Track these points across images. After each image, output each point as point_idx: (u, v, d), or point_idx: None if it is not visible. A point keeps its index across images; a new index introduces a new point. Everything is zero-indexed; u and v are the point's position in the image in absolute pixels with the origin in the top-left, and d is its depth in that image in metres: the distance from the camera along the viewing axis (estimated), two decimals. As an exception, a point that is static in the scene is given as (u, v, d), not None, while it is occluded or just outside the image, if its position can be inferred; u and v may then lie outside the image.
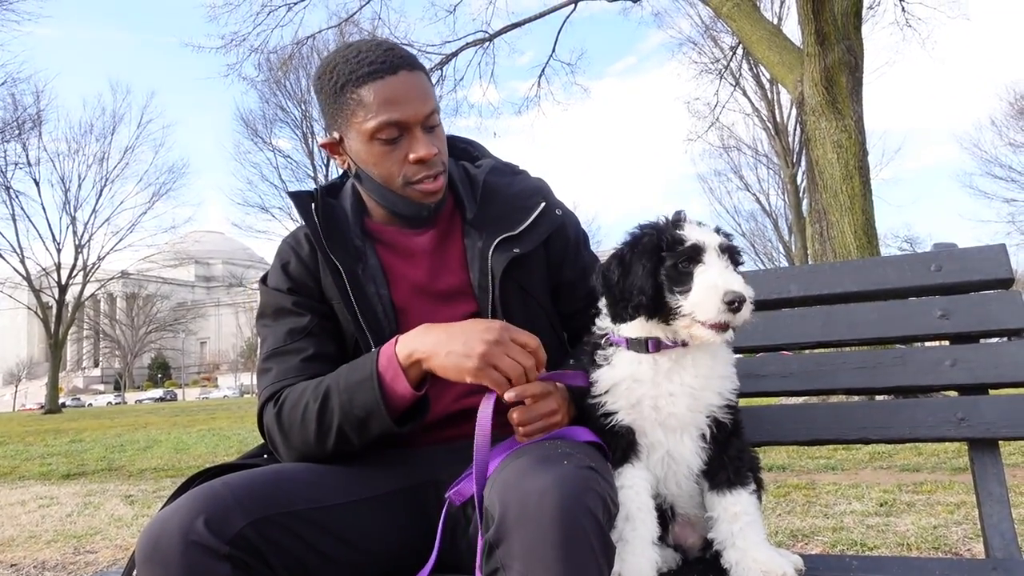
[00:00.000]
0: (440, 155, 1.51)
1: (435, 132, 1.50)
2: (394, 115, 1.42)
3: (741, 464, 1.34)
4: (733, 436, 1.36)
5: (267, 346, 1.55)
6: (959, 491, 4.20)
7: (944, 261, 1.68)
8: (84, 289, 41.31)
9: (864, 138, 9.59)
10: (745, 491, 1.32)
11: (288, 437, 1.43)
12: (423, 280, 1.57)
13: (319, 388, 1.41)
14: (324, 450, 1.41)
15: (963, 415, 1.57)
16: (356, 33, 18.96)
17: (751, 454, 1.40)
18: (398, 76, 1.43)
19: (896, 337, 1.70)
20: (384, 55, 1.45)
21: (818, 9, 8.95)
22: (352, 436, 1.39)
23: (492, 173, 1.66)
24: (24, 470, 8.66)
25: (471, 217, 1.59)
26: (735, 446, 1.36)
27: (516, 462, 1.17)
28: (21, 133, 35.64)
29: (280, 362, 1.51)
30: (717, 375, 1.35)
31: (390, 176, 1.48)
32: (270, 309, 1.58)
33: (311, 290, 1.56)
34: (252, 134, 37.17)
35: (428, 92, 1.48)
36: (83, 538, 4.55)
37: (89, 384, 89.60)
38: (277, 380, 1.49)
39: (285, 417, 1.42)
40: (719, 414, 1.34)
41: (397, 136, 1.45)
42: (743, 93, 30.51)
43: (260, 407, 1.50)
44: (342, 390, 1.37)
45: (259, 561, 1.19)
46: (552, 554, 1.04)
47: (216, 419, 17.06)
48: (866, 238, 9.20)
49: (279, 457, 1.48)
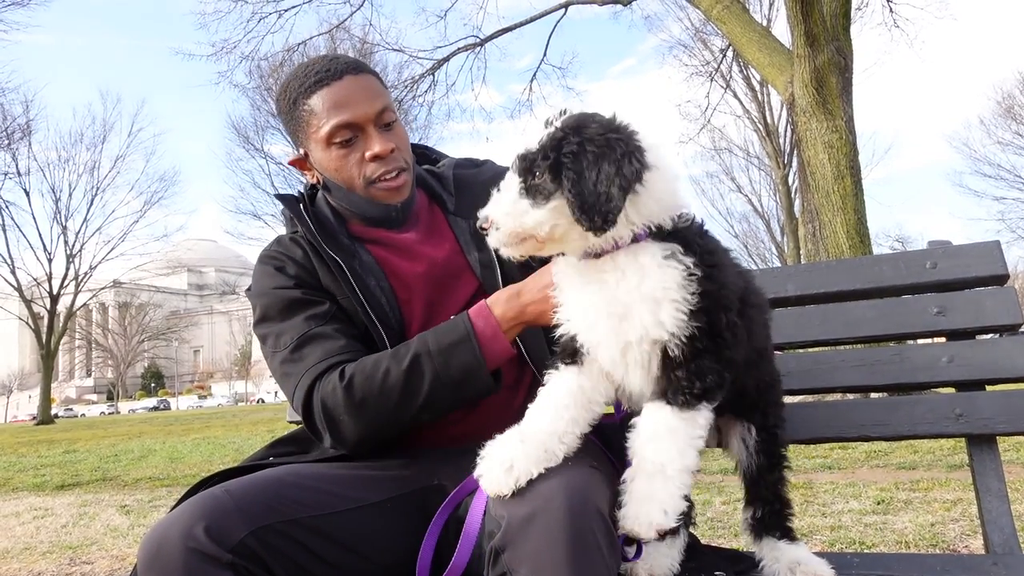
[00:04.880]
0: (400, 152, 1.55)
1: (392, 130, 1.55)
2: (344, 116, 1.49)
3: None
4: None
5: (288, 338, 1.48)
6: (956, 488, 4.22)
7: (939, 258, 1.69)
8: (76, 299, 41.04)
9: (855, 138, 9.65)
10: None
11: (360, 409, 1.37)
12: (421, 270, 1.58)
13: (401, 355, 1.38)
14: (401, 419, 1.39)
15: (961, 411, 1.58)
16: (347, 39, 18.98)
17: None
18: (343, 81, 1.50)
19: (893, 335, 1.71)
20: (329, 64, 1.53)
21: (807, 11, 9.01)
22: (441, 401, 1.38)
23: (457, 167, 1.74)
24: (18, 481, 8.59)
25: (453, 208, 1.65)
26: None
27: None
28: (10, 143, 35.58)
29: (319, 345, 1.45)
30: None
31: (351, 178, 1.53)
32: (275, 309, 1.52)
33: (315, 286, 1.55)
34: (244, 141, 37.00)
35: (377, 91, 1.53)
36: (79, 549, 4.51)
37: (82, 394, 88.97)
38: (326, 358, 1.43)
39: (358, 388, 1.37)
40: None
41: (351, 137, 1.51)
42: (734, 95, 30.67)
43: (309, 387, 1.41)
44: (434, 353, 1.36)
45: (261, 569, 1.18)
46: (561, 557, 1.04)
47: (211, 428, 16.96)
48: (858, 237, 9.25)
49: (334, 437, 1.41)
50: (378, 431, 1.41)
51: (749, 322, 1.24)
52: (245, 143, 36.92)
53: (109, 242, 41.76)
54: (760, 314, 1.32)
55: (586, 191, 1.07)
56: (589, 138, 1.09)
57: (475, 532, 1.22)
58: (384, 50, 17.09)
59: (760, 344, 1.33)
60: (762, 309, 1.34)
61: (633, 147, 1.09)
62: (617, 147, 1.08)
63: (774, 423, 1.36)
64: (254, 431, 14.14)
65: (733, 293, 1.18)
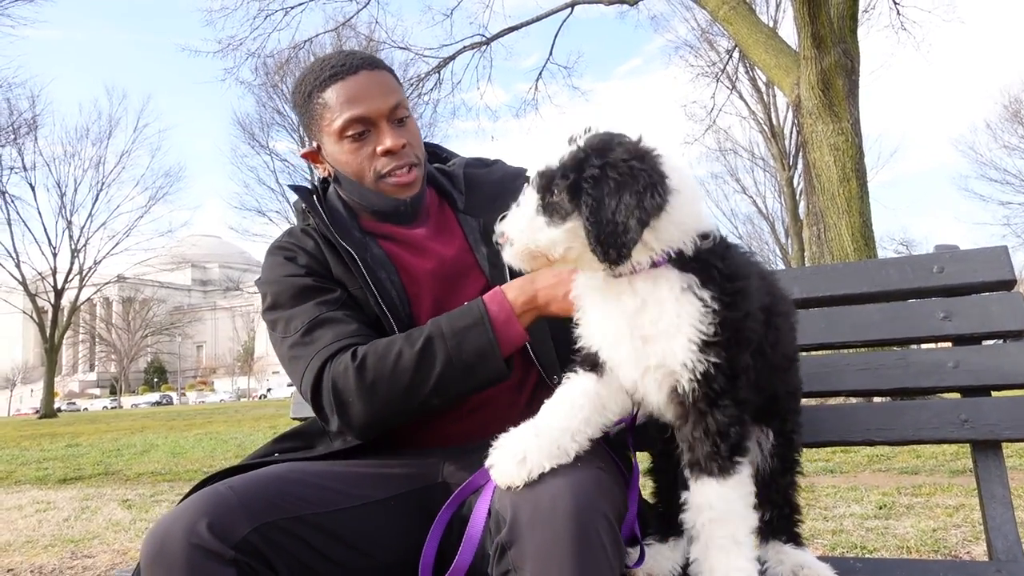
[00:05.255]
0: (411, 147, 1.56)
1: (405, 126, 1.56)
2: (357, 111, 1.50)
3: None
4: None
5: (298, 323, 1.47)
6: (958, 493, 4.21)
7: (946, 263, 1.68)
8: (80, 293, 41.15)
9: (861, 141, 9.62)
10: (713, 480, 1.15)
11: (371, 391, 1.36)
12: (430, 266, 1.59)
13: (414, 337, 1.38)
14: (411, 404, 1.38)
15: (966, 417, 1.57)
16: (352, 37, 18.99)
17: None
18: (358, 75, 1.52)
19: (899, 339, 1.70)
20: (344, 58, 1.54)
21: (815, 13, 8.98)
22: (453, 386, 1.37)
23: (468, 166, 1.75)
24: (20, 475, 8.62)
25: (463, 206, 1.66)
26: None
27: None
28: (17, 138, 35.75)
29: (330, 328, 1.45)
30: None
31: (362, 172, 1.55)
32: (286, 296, 1.52)
33: (327, 275, 1.56)
34: (249, 138, 37.24)
35: (391, 87, 1.55)
36: (80, 542, 4.53)
37: (85, 388, 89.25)
38: (337, 340, 1.42)
39: (370, 369, 1.36)
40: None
41: (364, 132, 1.52)
42: (739, 96, 30.61)
43: (320, 368, 1.40)
44: (448, 336, 1.36)
45: (264, 566, 1.19)
46: (566, 555, 1.04)
47: (213, 423, 17.00)
48: (863, 240, 9.23)
49: (342, 420, 1.40)
50: (387, 415, 1.40)
51: (777, 331, 1.24)
52: (250, 139, 37.17)
53: (114, 237, 41.96)
54: (786, 321, 1.32)
55: (604, 220, 1.04)
56: (612, 163, 1.05)
57: (478, 532, 1.21)
58: (390, 48, 17.08)
59: (788, 351, 1.33)
60: (788, 316, 1.33)
61: (656, 178, 1.05)
62: (640, 177, 1.04)
63: (791, 428, 1.35)
64: (256, 427, 14.16)
65: (756, 322, 1.15)
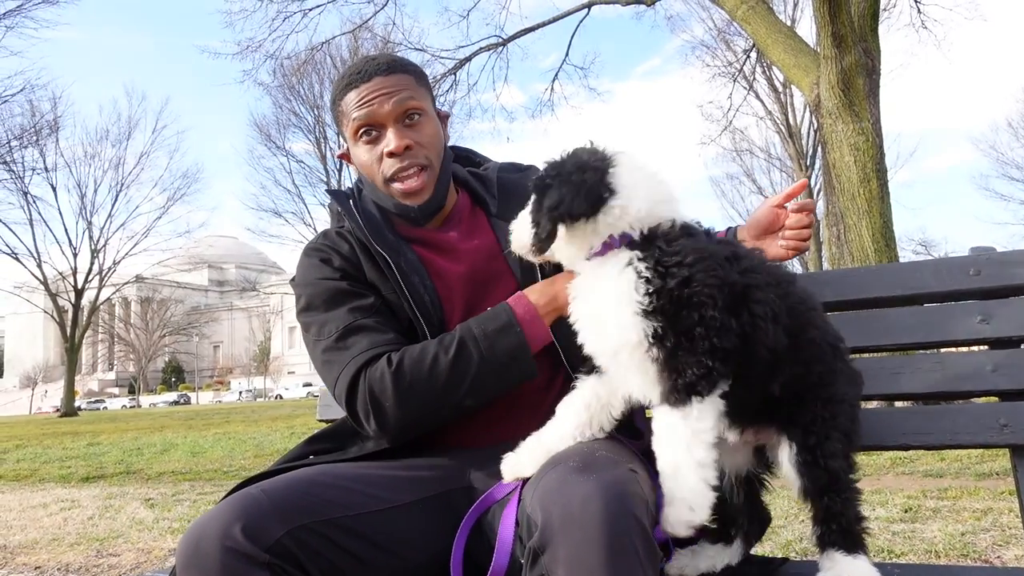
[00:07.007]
0: (419, 148, 1.57)
1: (415, 127, 1.57)
2: (363, 116, 1.55)
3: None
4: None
5: (332, 327, 1.49)
6: (985, 497, 4.14)
7: (983, 265, 1.65)
8: (100, 293, 41.67)
9: (881, 140, 9.51)
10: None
11: (408, 394, 1.39)
12: (463, 271, 1.61)
13: (446, 342, 1.42)
14: (446, 406, 1.42)
15: (1005, 421, 1.54)
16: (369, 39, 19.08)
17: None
18: (371, 82, 1.55)
19: (934, 342, 1.68)
20: (364, 65, 1.58)
21: (835, 12, 8.89)
22: (487, 387, 1.41)
23: (502, 171, 1.76)
24: (44, 472, 8.74)
25: (496, 210, 1.67)
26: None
27: (556, 468, 1.17)
28: (39, 139, 36.15)
29: (365, 335, 1.47)
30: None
31: (374, 174, 1.59)
32: (320, 299, 1.54)
33: (360, 279, 1.57)
34: (266, 139, 37.38)
35: (403, 88, 1.56)
36: (105, 541, 4.58)
37: (104, 387, 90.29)
38: (373, 347, 1.45)
39: (406, 373, 1.39)
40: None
41: (375, 135, 1.56)
42: (756, 96, 30.35)
43: (355, 373, 1.42)
44: (480, 338, 1.41)
45: (297, 568, 1.19)
46: (598, 560, 1.03)
47: (231, 423, 17.13)
48: (884, 241, 9.11)
49: (377, 423, 1.42)
50: (422, 418, 1.43)
51: (753, 319, 1.20)
52: (267, 141, 37.33)
53: (132, 237, 42.41)
54: (790, 320, 1.26)
55: (535, 219, 1.28)
56: (560, 173, 1.26)
57: (510, 535, 1.22)
58: (406, 49, 17.10)
59: (804, 353, 1.28)
60: (799, 315, 1.29)
61: (592, 182, 1.23)
62: (573, 183, 1.23)
63: (816, 443, 1.28)
64: (273, 427, 14.26)
65: (706, 287, 1.17)
